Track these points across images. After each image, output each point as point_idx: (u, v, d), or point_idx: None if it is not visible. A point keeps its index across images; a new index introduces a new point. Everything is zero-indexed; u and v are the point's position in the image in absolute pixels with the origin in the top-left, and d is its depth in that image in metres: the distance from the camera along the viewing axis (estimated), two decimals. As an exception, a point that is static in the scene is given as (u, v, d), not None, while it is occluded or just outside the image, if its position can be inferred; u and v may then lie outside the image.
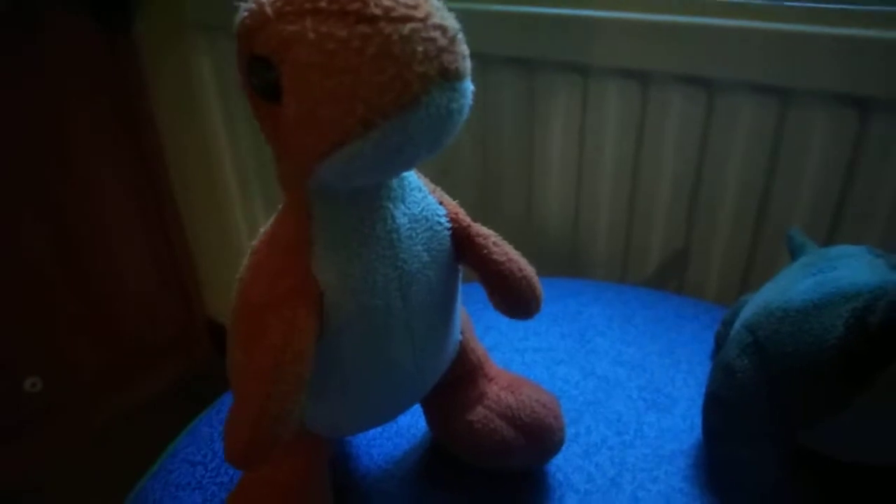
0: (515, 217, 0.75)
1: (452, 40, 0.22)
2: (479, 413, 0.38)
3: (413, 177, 0.29)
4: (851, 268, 0.37)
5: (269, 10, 0.22)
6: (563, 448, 0.42)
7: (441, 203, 0.30)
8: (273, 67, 0.22)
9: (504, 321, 0.54)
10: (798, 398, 0.35)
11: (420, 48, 0.21)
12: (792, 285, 0.39)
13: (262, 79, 0.22)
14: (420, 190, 0.29)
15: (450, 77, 0.21)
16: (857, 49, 0.49)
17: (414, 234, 0.28)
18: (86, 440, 1.09)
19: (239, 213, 1.07)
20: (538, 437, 0.37)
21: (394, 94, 0.21)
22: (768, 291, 0.41)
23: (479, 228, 0.31)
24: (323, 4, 0.21)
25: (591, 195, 0.67)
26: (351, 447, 0.42)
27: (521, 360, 0.50)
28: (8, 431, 1.01)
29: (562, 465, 0.41)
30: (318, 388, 0.29)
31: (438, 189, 0.31)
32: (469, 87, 0.23)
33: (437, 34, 0.21)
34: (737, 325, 0.42)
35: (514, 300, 0.32)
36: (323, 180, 0.23)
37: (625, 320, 0.54)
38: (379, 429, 0.43)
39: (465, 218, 0.31)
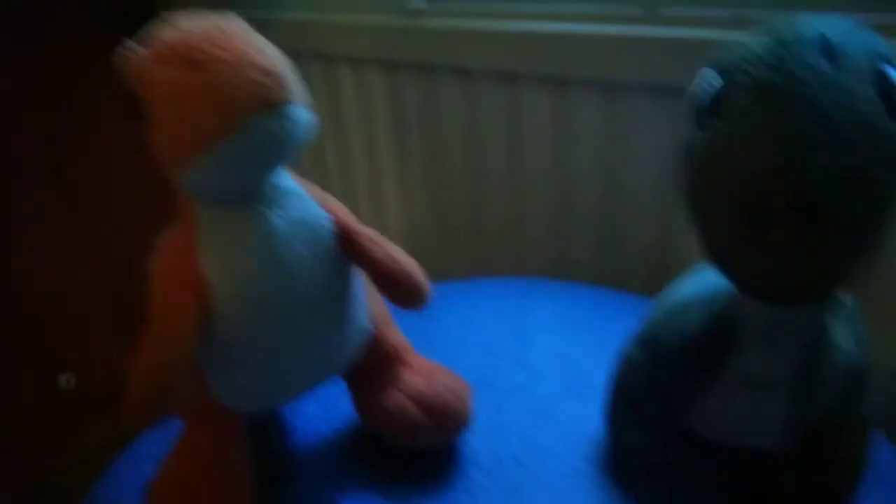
0: (503, 222, 0.79)
1: (272, 75, 0.28)
2: (392, 396, 0.43)
3: (293, 185, 0.35)
4: None
5: (138, 58, 0.29)
6: (479, 430, 0.46)
7: (326, 208, 0.35)
8: (140, 99, 0.28)
9: (454, 317, 0.59)
10: (675, 384, 0.38)
11: (239, 85, 0.27)
12: (684, 282, 0.42)
13: (135, 107, 0.29)
14: (301, 196, 0.34)
15: (269, 105, 0.27)
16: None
17: (293, 235, 0.33)
18: (119, 435, 1.18)
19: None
20: (443, 419, 0.42)
21: (218, 122, 0.27)
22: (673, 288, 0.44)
23: (362, 230, 0.36)
24: (166, 53, 0.28)
25: (571, 202, 0.71)
26: (284, 421, 0.48)
27: (463, 352, 0.54)
28: (42, 426, 1.11)
29: (474, 445, 0.45)
30: (218, 367, 0.35)
31: (326, 196, 0.37)
32: (297, 111, 0.29)
33: (256, 73, 0.27)
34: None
35: (396, 293, 0.37)
36: (189, 188, 0.30)
37: (568, 317, 0.57)
38: (314, 406, 0.49)
39: (350, 221, 0.36)
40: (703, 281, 0.39)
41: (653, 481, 0.41)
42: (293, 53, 0.92)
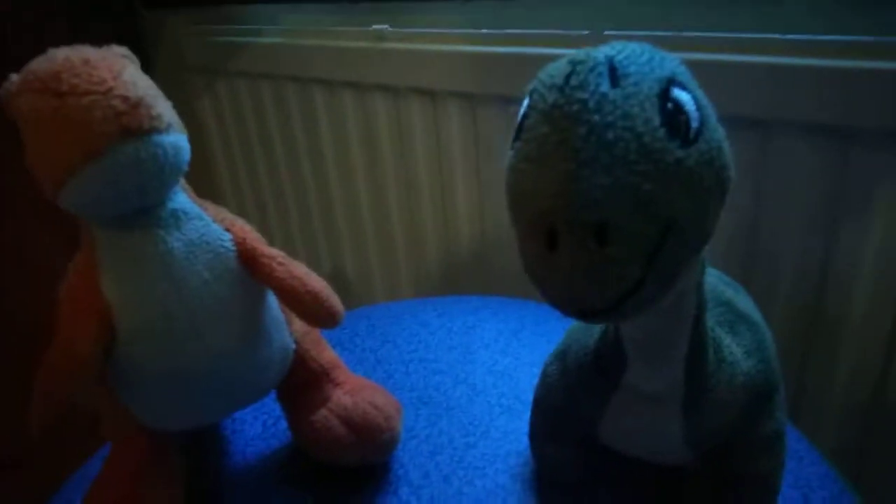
0: (469, 237, 0.80)
1: (135, 105, 0.29)
2: (320, 414, 0.44)
3: (192, 207, 0.36)
4: None
5: (10, 89, 0.31)
6: (412, 447, 0.47)
7: (228, 229, 0.37)
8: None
9: (403, 334, 0.59)
10: (580, 397, 0.38)
11: (99, 113, 0.29)
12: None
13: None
14: (201, 218, 0.36)
15: (131, 133, 0.29)
16: (838, 79, 0.49)
17: (192, 257, 0.35)
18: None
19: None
20: (367, 436, 0.43)
21: (82, 149, 0.29)
22: None
23: (266, 250, 0.37)
24: (36, 85, 0.30)
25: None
26: (222, 440, 0.49)
27: (404, 370, 0.55)
28: (52, 439, 1.13)
29: (405, 462, 0.45)
30: (128, 386, 0.36)
31: (229, 217, 0.38)
32: (164, 139, 0.31)
33: (116, 102, 0.29)
34: None
35: (302, 311, 0.38)
36: (69, 209, 0.31)
37: (512, 334, 0.58)
38: (257, 426, 0.50)
39: (253, 241, 0.37)
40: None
41: (571, 498, 0.42)
42: (268, 76, 0.95)
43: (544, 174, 0.21)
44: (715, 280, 0.41)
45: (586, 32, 0.62)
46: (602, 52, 0.22)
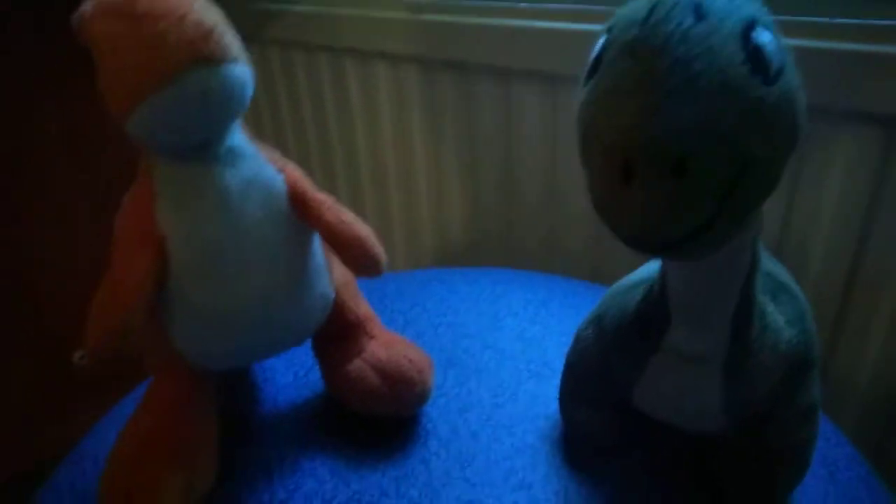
0: (497, 215, 0.81)
1: (207, 33, 0.30)
2: (355, 364, 0.44)
3: (247, 146, 0.37)
4: None
5: (86, 13, 0.32)
6: (441, 404, 0.47)
7: (281, 171, 0.37)
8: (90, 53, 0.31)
9: (433, 299, 0.60)
10: (616, 360, 0.39)
11: (172, 38, 0.29)
12: (643, 267, 0.43)
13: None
14: (256, 158, 0.36)
15: (204, 60, 0.30)
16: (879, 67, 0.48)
17: (246, 195, 0.35)
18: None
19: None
20: (400, 387, 0.43)
21: (154, 73, 0.30)
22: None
23: (316, 194, 0.38)
24: (112, 8, 0.30)
25: (564, 199, 0.72)
26: (256, 387, 0.50)
27: (433, 332, 0.55)
28: (57, 401, 1.14)
29: (434, 418, 0.46)
30: (176, 320, 0.37)
31: (281, 160, 0.38)
32: (233, 70, 0.31)
33: (190, 29, 0.30)
34: None
35: (347, 256, 0.38)
36: (135, 137, 0.32)
37: (540, 304, 0.58)
38: (289, 376, 0.50)
39: (304, 185, 0.38)
40: (655, 264, 0.40)
41: (600, 460, 0.42)
42: (303, 45, 0.95)
43: (625, 106, 0.22)
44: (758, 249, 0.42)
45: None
46: None
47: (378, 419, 0.45)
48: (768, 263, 0.40)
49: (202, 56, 0.30)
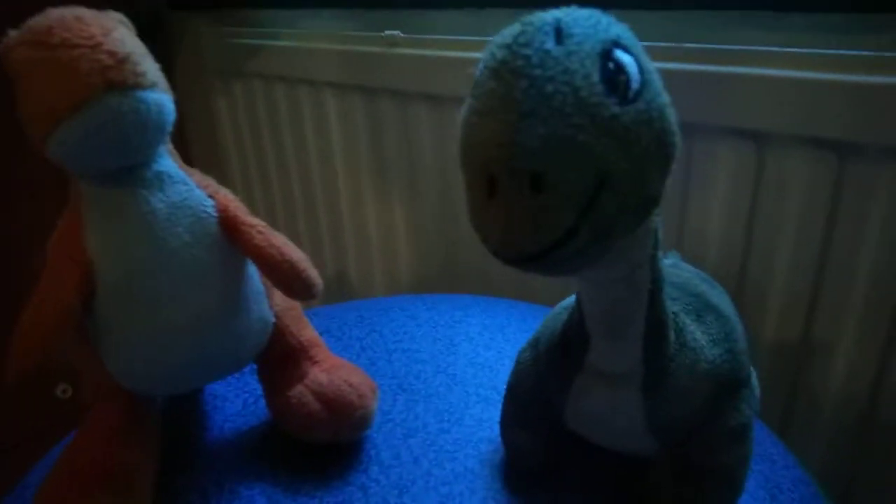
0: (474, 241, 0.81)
1: (121, 61, 0.31)
2: (296, 390, 0.44)
3: (176, 171, 0.38)
4: None
5: (8, 42, 0.33)
6: (387, 430, 0.47)
7: (212, 196, 0.38)
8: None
9: (388, 327, 0.60)
10: (548, 381, 0.39)
11: (85, 66, 0.31)
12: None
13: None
14: (185, 183, 0.37)
15: (115, 87, 0.31)
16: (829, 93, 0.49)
17: (174, 218, 0.36)
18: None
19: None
20: (339, 412, 0.43)
21: (67, 99, 0.31)
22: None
23: (247, 219, 0.39)
24: (30, 38, 0.32)
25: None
26: (201, 413, 0.50)
27: (387, 358, 0.55)
28: (39, 435, 1.14)
29: (377, 443, 0.46)
30: (107, 344, 0.37)
31: (214, 185, 0.39)
32: (147, 96, 0.33)
33: (103, 56, 0.31)
34: None
35: (279, 281, 0.39)
36: (56, 161, 0.33)
37: (497, 329, 0.58)
38: (235, 402, 0.50)
39: (236, 210, 0.39)
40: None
41: (538, 483, 0.42)
42: (283, 79, 0.97)
43: (489, 125, 0.23)
44: (690, 275, 0.42)
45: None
46: (551, 14, 0.24)
47: (322, 446, 0.45)
48: (701, 285, 0.40)
49: (114, 82, 0.31)
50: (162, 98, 0.34)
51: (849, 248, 0.53)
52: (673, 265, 0.45)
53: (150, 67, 0.33)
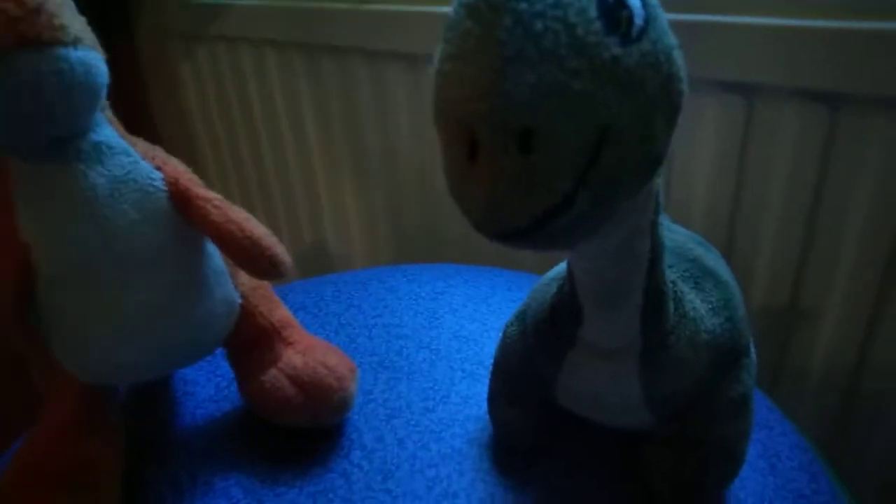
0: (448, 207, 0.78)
1: (32, 11, 0.26)
2: (270, 374, 0.42)
3: (118, 141, 0.33)
4: None
5: None
6: (368, 411, 0.45)
7: (160, 168, 0.34)
8: None
9: (367, 301, 0.57)
10: (538, 356, 0.36)
11: None
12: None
13: None
14: (128, 154, 0.33)
15: (27, 43, 0.26)
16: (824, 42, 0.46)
17: (117, 195, 0.32)
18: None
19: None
20: (316, 396, 0.41)
21: None
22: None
23: (201, 192, 0.35)
24: None
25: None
26: (171, 400, 0.47)
27: (367, 334, 0.53)
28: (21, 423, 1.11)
29: (359, 426, 0.44)
30: (55, 336, 0.34)
31: (161, 156, 0.35)
32: (70, 54, 0.28)
33: (10, 6, 0.26)
34: None
35: (240, 259, 0.35)
36: None
37: (481, 300, 0.56)
38: (207, 387, 0.48)
39: (187, 182, 0.35)
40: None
41: (528, 462, 0.40)
42: (247, 40, 0.92)
43: (466, 74, 0.19)
44: (684, 238, 0.39)
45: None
46: None
47: (300, 431, 0.43)
48: (697, 249, 0.38)
49: (27, 37, 0.26)
50: (88, 55, 0.29)
51: (839, 206, 0.51)
52: (665, 227, 0.42)
53: (71, 20, 0.28)
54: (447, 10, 0.21)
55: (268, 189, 1.03)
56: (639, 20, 0.19)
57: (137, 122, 1.23)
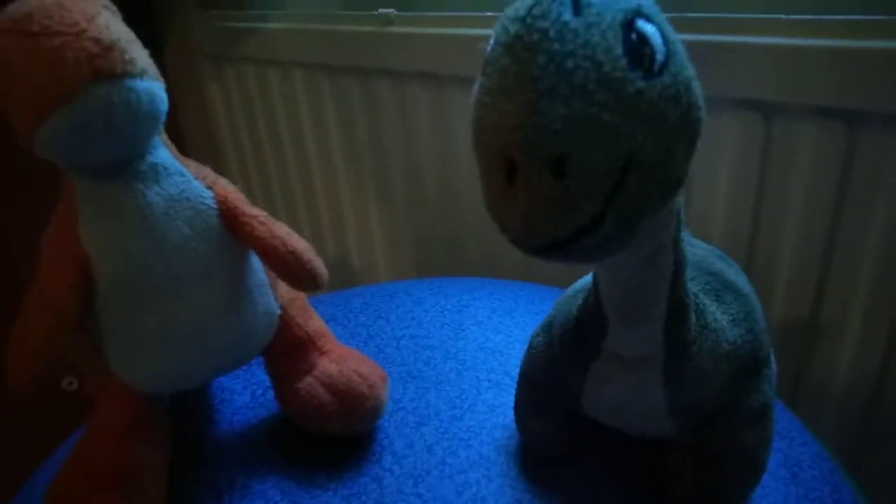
0: (473, 223, 0.80)
1: (108, 48, 0.29)
2: (305, 382, 0.44)
3: (172, 163, 0.36)
4: None
5: None
6: (398, 419, 0.46)
7: (210, 187, 0.37)
8: None
9: (397, 311, 0.59)
10: (564, 366, 0.38)
11: (70, 55, 0.29)
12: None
13: None
14: (182, 174, 0.36)
15: (103, 76, 0.29)
16: (841, 61, 0.48)
17: (172, 212, 0.35)
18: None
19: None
20: (350, 403, 0.42)
21: (54, 91, 0.29)
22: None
23: (248, 209, 0.37)
24: (9, 25, 0.30)
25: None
26: (211, 409, 0.49)
27: (395, 345, 0.54)
28: (46, 429, 1.14)
29: (390, 433, 0.45)
30: (110, 341, 0.36)
31: (211, 175, 0.38)
32: (138, 84, 0.31)
33: (88, 44, 0.29)
34: None
35: (283, 272, 0.38)
36: (47, 156, 0.32)
37: (505, 313, 0.58)
38: (246, 396, 0.50)
39: (235, 200, 0.37)
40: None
41: (555, 470, 0.41)
42: (275, 62, 0.95)
43: (505, 106, 0.21)
44: (705, 252, 0.41)
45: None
46: None
47: (333, 437, 0.45)
48: (717, 263, 0.39)
49: (102, 71, 0.29)
50: (153, 86, 0.32)
51: (859, 222, 0.52)
52: (686, 242, 0.44)
53: (138, 54, 0.32)
54: (463, 31, 0.23)
55: (293, 204, 1.06)
56: (660, 56, 0.21)
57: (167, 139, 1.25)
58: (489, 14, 0.68)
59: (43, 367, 0.32)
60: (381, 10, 0.78)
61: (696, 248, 0.42)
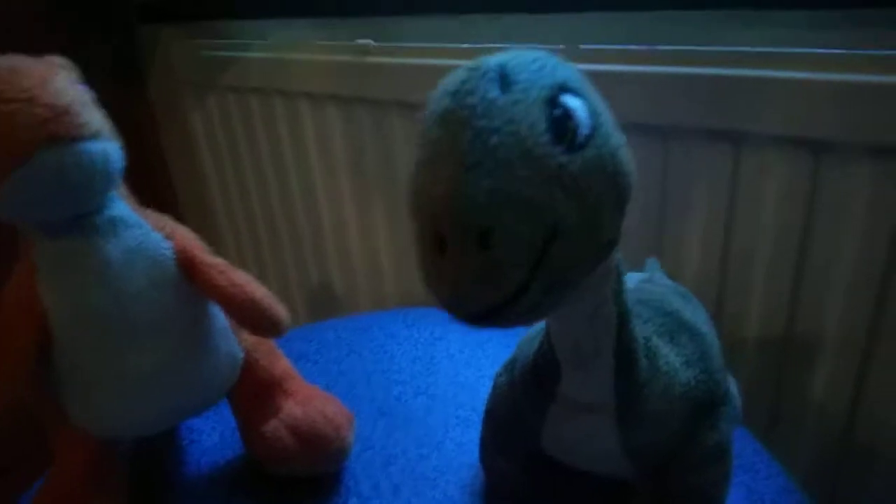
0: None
1: (60, 113, 0.30)
2: (271, 425, 0.44)
3: (130, 215, 0.37)
4: None
5: None
6: (366, 458, 0.46)
7: (169, 237, 0.37)
8: None
9: (367, 347, 0.59)
10: (524, 406, 0.38)
11: (23, 120, 0.30)
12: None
13: None
14: (140, 226, 0.37)
15: (56, 140, 0.30)
16: (810, 93, 0.49)
17: (130, 264, 0.35)
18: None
19: (231, 243, 1.18)
20: (314, 446, 0.42)
21: (6, 155, 0.30)
22: None
23: (206, 258, 0.38)
24: None
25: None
26: (178, 449, 0.49)
27: (366, 381, 0.54)
28: (29, 457, 1.13)
29: (356, 473, 0.45)
30: (69, 391, 0.36)
31: (171, 225, 0.39)
32: (90, 147, 0.32)
33: (41, 110, 0.30)
34: None
35: (242, 320, 0.38)
36: (2, 215, 0.32)
37: (477, 345, 0.58)
38: (212, 435, 0.50)
39: (194, 249, 0.38)
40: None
41: (521, 510, 0.41)
42: (257, 90, 0.96)
43: (435, 178, 0.22)
44: (664, 290, 0.41)
45: (562, 47, 0.62)
46: (495, 59, 0.23)
47: (301, 479, 0.45)
48: (675, 302, 0.40)
49: (55, 136, 0.30)
50: (107, 147, 0.33)
51: (828, 246, 0.52)
52: (648, 279, 0.44)
53: (91, 116, 0.32)
54: (439, 62, 0.24)
55: (275, 232, 1.06)
56: (584, 129, 0.22)
57: (151, 166, 1.25)
58: (465, 46, 0.69)
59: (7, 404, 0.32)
60: (359, 41, 0.79)
61: (656, 286, 0.42)
